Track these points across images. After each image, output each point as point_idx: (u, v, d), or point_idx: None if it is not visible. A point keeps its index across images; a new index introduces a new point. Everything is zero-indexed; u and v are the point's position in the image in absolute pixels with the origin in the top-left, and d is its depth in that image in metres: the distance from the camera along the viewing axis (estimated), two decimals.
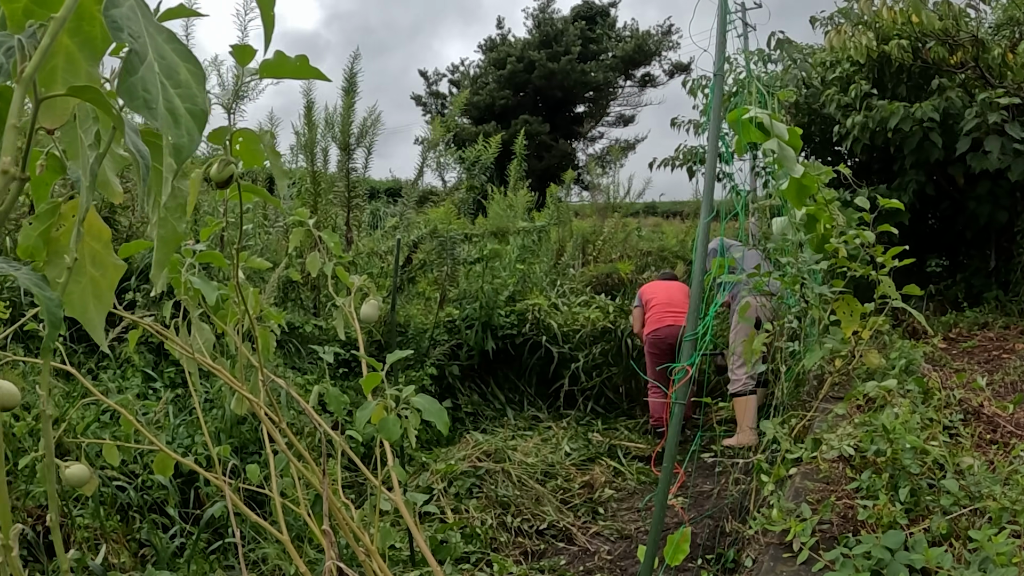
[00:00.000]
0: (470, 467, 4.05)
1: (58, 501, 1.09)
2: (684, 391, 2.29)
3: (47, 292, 0.70)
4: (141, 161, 0.67)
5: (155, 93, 0.59)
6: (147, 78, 0.58)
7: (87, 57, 0.66)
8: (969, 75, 6.23)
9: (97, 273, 0.88)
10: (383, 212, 7.11)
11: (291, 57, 1.08)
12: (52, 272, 0.90)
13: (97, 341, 0.88)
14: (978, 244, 7.14)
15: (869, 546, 2.01)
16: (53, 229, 0.92)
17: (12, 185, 0.59)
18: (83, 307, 0.87)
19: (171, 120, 0.59)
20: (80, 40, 0.65)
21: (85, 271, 0.87)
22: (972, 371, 3.68)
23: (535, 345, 5.82)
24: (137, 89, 0.58)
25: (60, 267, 0.87)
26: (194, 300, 1.94)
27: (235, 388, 1.86)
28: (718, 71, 2.17)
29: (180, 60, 0.63)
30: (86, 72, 0.66)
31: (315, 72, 1.11)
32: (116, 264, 0.89)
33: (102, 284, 0.88)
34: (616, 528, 3.71)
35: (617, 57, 25.23)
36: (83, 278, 0.87)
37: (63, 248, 0.90)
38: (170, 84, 0.60)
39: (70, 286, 0.85)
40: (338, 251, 2.14)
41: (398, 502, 1.92)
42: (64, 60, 0.65)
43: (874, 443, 2.43)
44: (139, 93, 0.58)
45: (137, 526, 2.91)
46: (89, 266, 0.87)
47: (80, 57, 0.66)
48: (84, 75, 0.66)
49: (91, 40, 0.65)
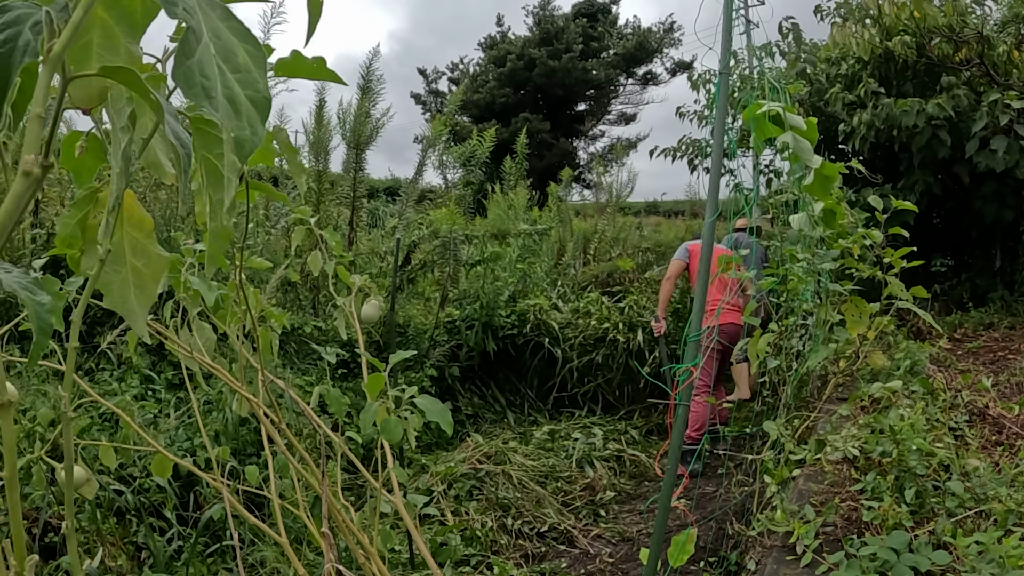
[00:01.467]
0: (470, 469, 4.02)
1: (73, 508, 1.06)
2: (688, 392, 2.27)
3: (38, 297, 0.65)
4: (182, 152, 0.61)
5: (214, 79, 0.52)
6: (205, 61, 0.51)
7: (125, 33, 0.59)
8: (974, 72, 6.21)
9: (139, 263, 0.83)
10: (382, 211, 7.09)
11: (309, 58, 1.06)
12: (89, 261, 0.86)
13: (139, 332, 0.84)
14: (983, 244, 7.12)
15: (874, 548, 2.00)
16: (91, 217, 0.89)
17: (31, 180, 0.53)
18: (123, 298, 0.82)
19: (231, 110, 0.53)
20: (118, 14, 0.58)
21: (125, 261, 0.82)
22: (977, 372, 3.66)
23: (536, 346, 5.79)
24: (195, 74, 0.50)
25: (96, 256, 0.82)
26: (194, 300, 1.92)
27: (236, 389, 1.84)
28: (723, 68, 2.15)
29: (238, 40, 0.55)
30: (125, 49, 0.59)
31: (331, 75, 1.08)
32: (160, 255, 0.84)
33: (145, 275, 0.83)
34: (618, 530, 3.68)
35: (618, 55, 25.12)
36: (123, 268, 0.82)
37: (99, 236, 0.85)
38: (228, 68, 0.53)
39: (109, 276, 0.81)
40: (339, 250, 2.12)
41: (398, 504, 1.90)
42: (100, 35, 0.59)
43: (879, 444, 2.41)
44: (196, 79, 0.51)
45: (134, 529, 2.88)
46: (130, 256, 0.83)
47: (118, 32, 0.59)
48: (123, 53, 0.59)
49: (130, 14, 0.59)
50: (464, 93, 23.76)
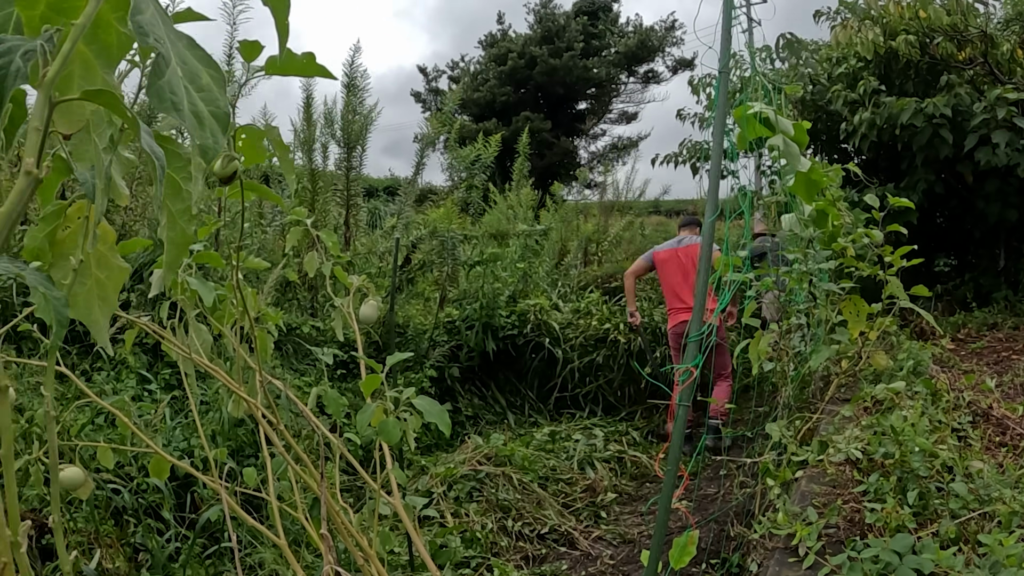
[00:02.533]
0: (470, 470, 4.00)
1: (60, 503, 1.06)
2: (688, 393, 2.25)
3: (53, 291, 0.71)
4: (158, 163, 0.68)
5: (181, 95, 0.61)
6: (173, 81, 0.61)
7: (103, 64, 0.68)
8: (978, 71, 6.18)
9: (102, 275, 0.88)
10: (381, 211, 7.08)
11: (298, 54, 1.07)
12: (58, 274, 0.91)
13: (101, 343, 0.89)
14: (987, 243, 7.09)
15: (877, 550, 1.98)
16: (59, 231, 0.93)
17: (30, 184, 0.61)
18: (88, 309, 0.87)
19: (196, 123, 0.62)
20: (97, 48, 0.67)
21: (90, 273, 0.88)
22: (981, 372, 3.64)
23: (536, 346, 5.77)
24: (165, 92, 0.60)
25: (65, 269, 0.88)
26: (191, 300, 1.91)
27: (233, 390, 1.82)
28: (723, 68, 2.14)
29: (201, 65, 0.65)
30: (102, 78, 0.68)
31: (321, 69, 1.11)
32: (121, 266, 0.90)
33: (107, 286, 0.89)
34: (619, 532, 3.66)
35: (620, 53, 24.91)
36: (88, 280, 0.88)
37: (69, 250, 0.91)
38: (193, 88, 0.63)
39: (75, 288, 0.86)
40: (336, 251, 2.10)
41: (397, 506, 1.88)
42: (81, 67, 0.67)
43: (882, 446, 2.39)
44: (167, 96, 0.60)
45: (132, 530, 2.87)
46: (95, 268, 0.88)
47: (96, 64, 0.67)
48: (100, 81, 0.68)
49: (107, 48, 0.67)
50: (464, 92, 23.67)
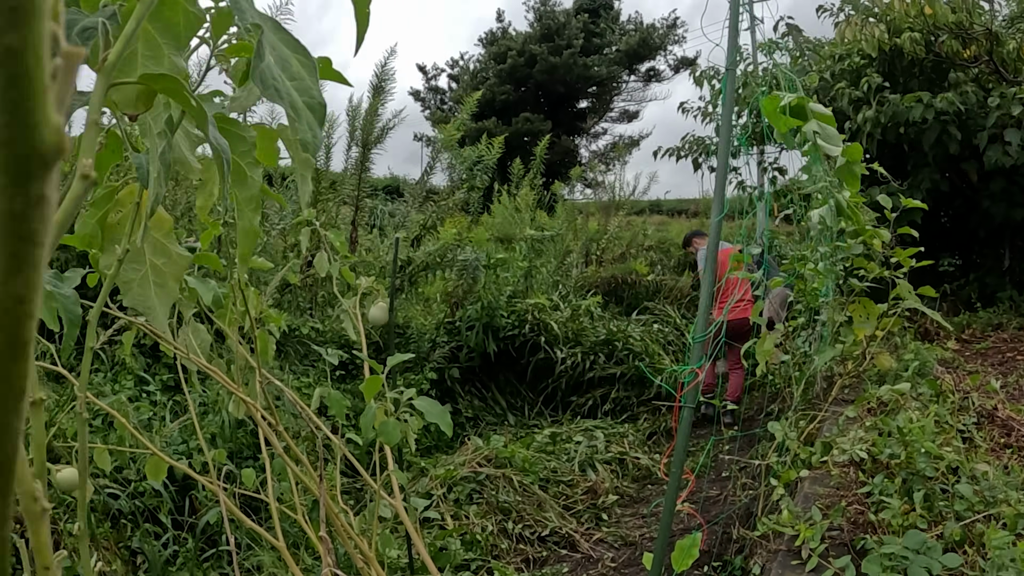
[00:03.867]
0: (470, 472, 3.98)
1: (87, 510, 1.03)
2: (693, 395, 2.24)
3: (64, 289, 0.69)
4: (224, 156, 0.65)
5: (281, 82, 0.57)
6: (272, 66, 0.57)
7: (169, 44, 0.63)
8: (983, 69, 6.17)
9: (159, 262, 0.85)
10: (380, 210, 7.05)
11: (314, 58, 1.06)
12: (108, 259, 0.88)
13: (159, 328, 0.87)
14: (992, 243, 7.06)
15: (892, 548, 1.96)
16: (111, 215, 0.90)
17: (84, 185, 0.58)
18: (143, 296, 0.84)
19: (293, 114, 0.58)
20: (161, 26, 0.62)
21: (144, 259, 0.85)
22: (986, 373, 3.62)
23: (536, 347, 5.75)
24: (268, 76, 0.56)
25: (116, 255, 0.85)
26: (191, 300, 1.89)
27: (233, 391, 1.80)
28: (730, 64, 2.12)
29: (290, 51, 0.61)
30: (169, 61, 0.63)
31: (337, 76, 1.09)
32: (180, 254, 0.86)
33: (166, 274, 0.85)
34: (620, 535, 3.64)
35: (621, 51, 24.67)
36: (143, 266, 0.84)
37: (121, 235, 0.87)
38: (285, 76, 0.59)
39: (128, 274, 0.83)
40: (344, 251, 2.08)
41: (398, 508, 1.86)
42: (144, 46, 0.62)
43: (887, 447, 2.37)
44: (270, 81, 0.56)
45: (129, 533, 2.84)
46: (150, 255, 0.85)
47: (162, 44, 0.63)
48: (167, 64, 0.63)
49: (173, 26, 0.62)
50: (464, 90, 23.53)
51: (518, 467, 4.05)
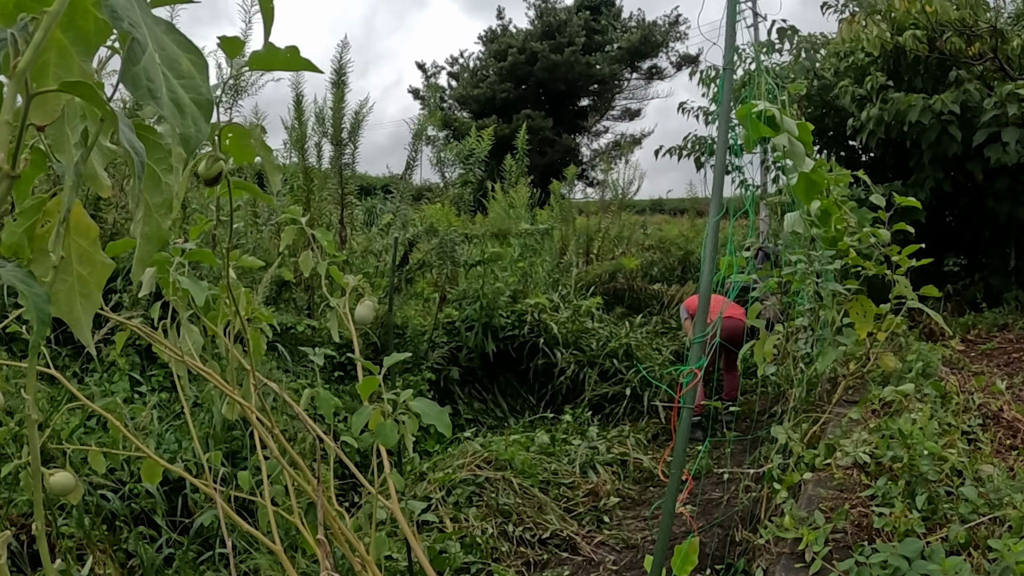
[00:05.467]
0: (469, 475, 3.94)
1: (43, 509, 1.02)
2: (692, 395, 2.20)
3: (34, 288, 0.69)
4: (136, 158, 0.66)
5: (158, 83, 0.59)
6: (150, 68, 0.59)
7: (80, 52, 0.65)
8: (987, 66, 6.13)
9: (84, 271, 0.86)
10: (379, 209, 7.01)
11: (281, 48, 1.05)
12: (38, 270, 0.87)
13: (84, 342, 0.86)
14: (997, 242, 7.02)
15: (886, 555, 1.93)
16: (39, 226, 0.90)
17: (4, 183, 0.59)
18: (70, 306, 0.85)
19: (176, 111, 0.60)
20: (73, 35, 0.64)
21: (72, 269, 0.85)
22: (991, 374, 3.59)
23: (536, 348, 5.72)
24: (141, 78, 0.58)
25: (46, 265, 0.85)
26: (183, 301, 1.86)
27: (226, 392, 1.78)
28: (727, 64, 2.09)
29: (181, 51, 0.63)
30: (79, 67, 0.65)
31: (306, 63, 1.10)
32: (104, 262, 0.86)
33: (90, 283, 0.86)
34: (622, 537, 3.61)
35: (623, 49, 24.51)
36: (69, 276, 0.85)
37: (49, 246, 0.88)
38: (172, 75, 0.60)
39: (56, 285, 0.83)
40: (332, 249, 2.06)
41: (395, 510, 1.83)
42: (56, 55, 0.64)
43: (890, 449, 2.34)
44: (143, 82, 0.58)
45: (124, 536, 2.82)
46: (76, 264, 0.85)
47: (73, 52, 0.65)
48: (77, 70, 0.65)
49: (84, 34, 0.64)
50: (464, 88, 23.45)
51: (518, 469, 4.01)
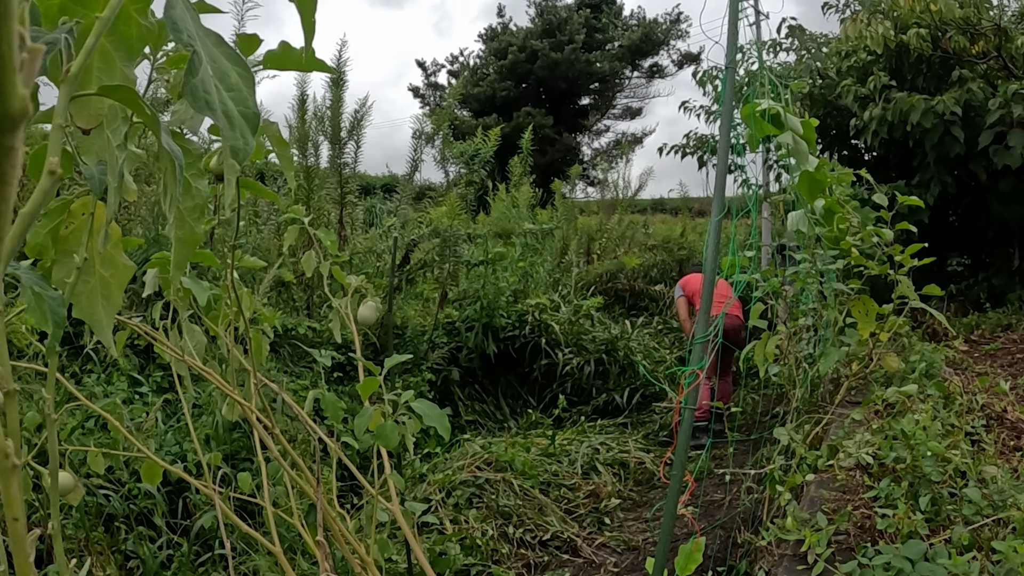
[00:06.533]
0: (469, 476, 3.93)
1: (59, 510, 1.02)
2: (693, 396, 2.20)
3: (49, 291, 0.69)
4: (176, 162, 0.67)
5: (214, 95, 0.60)
6: (206, 80, 0.60)
7: (123, 57, 0.67)
8: (991, 65, 6.11)
9: (107, 273, 0.87)
10: (379, 208, 7.00)
11: (296, 48, 1.05)
12: (60, 272, 0.89)
13: (105, 343, 0.88)
14: (1001, 243, 7.02)
15: (889, 557, 1.92)
16: (63, 227, 0.91)
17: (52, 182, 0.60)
18: (91, 308, 0.86)
19: (227, 123, 0.61)
20: (116, 40, 0.66)
21: (94, 271, 0.86)
22: (995, 375, 3.58)
23: (537, 348, 5.71)
24: (199, 90, 0.59)
25: (68, 267, 0.87)
26: (184, 301, 1.85)
27: (227, 393, 1.77)
28: (729, 63, 2.09)
29: (230, 64, 0.64)
30: (121, 72, 0.67)
31: (322, 64, 1.08)
32: (126, 264, 0.88)
33: (111, 284, 0.87)
34: (623, 539, 3.60)
35: (624, 47, 24.36)
36: (92, 278, 0.86)
37: (72, 247, 0.89)
38: (223, 87, 0.62)
39: (78, 287, 0.85)
40: (334, 250, 2.05)
41: (396, 512, 1.82)
42: (100, 60, 0.66)
43: (893, 450, 2.33)
44: (201, 94, 0.59)
45: (123, 537, 2.80)
46: (99, 266, 0.87)
47: (115, 57, 0.66)
48: (119, 75, 0.67)
49: (127, 40, 0.66)
50: (464, 87, 23.42)
51: (518, 471, 4.00)
